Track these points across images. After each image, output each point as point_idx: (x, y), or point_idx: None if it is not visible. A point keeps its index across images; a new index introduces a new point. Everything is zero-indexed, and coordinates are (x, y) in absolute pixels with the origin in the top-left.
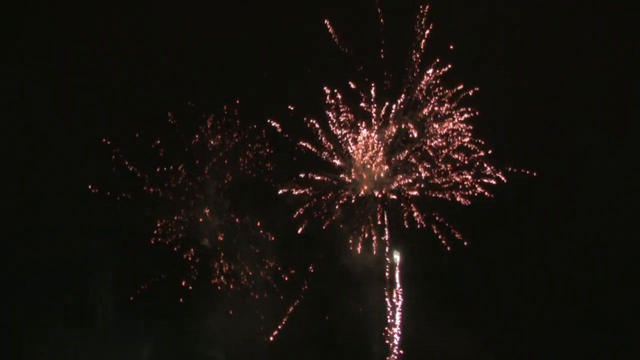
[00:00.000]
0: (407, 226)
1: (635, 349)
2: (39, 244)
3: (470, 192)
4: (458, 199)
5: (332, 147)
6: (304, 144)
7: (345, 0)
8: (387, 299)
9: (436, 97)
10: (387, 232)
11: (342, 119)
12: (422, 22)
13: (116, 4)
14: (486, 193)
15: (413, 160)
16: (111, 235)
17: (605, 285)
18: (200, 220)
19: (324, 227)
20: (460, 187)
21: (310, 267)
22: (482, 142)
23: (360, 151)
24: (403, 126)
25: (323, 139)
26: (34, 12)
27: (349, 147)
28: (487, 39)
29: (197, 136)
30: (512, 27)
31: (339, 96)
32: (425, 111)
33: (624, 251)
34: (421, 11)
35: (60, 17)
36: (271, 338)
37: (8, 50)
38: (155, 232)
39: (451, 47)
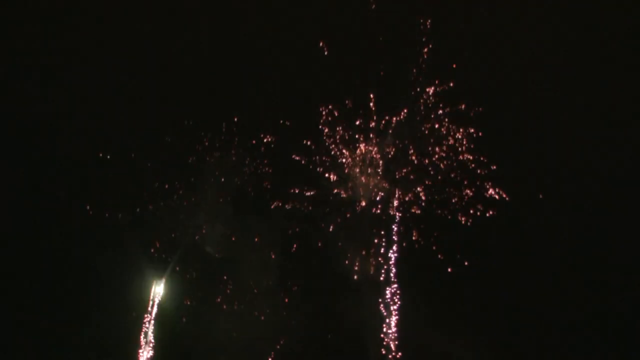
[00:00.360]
0: (404, 244)
1: (635, 349)
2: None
3: (471, 210)
4: (459, 217)
5: (328, 162)
6: (299, 159)
7: (345, 17)
8: (384, 303)
9: (437, 114)
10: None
11: (339, 133)
12: (423, 39)
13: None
14: (488, 213)
15: (412, 177)
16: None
17: (606, 287)
18: (197, 238)
19: (320, 245)
20: (461, 205)
21: (309, 281)
22: (484, 160)
23: (358, 166)
24: (402, 142)
25: (319, 154)
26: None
27: (346, 162)
28: (489, 55)
29: (194, 154)
30: (516, 43)
31: (336, 113)
32: (426, 127)
33: (625, 254)
34: (421, 27)
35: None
36: None
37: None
38: (153, 250)
39: (454, 65)
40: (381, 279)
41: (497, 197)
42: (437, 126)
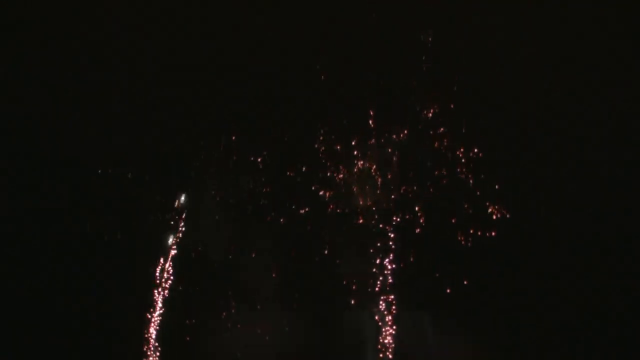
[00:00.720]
0: (402, 265)
1: (635, 350)
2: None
3: (472, 230)
4: (459, 237)
5: (325, 178)
6: (295, 175)
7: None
8: (381, 309)
9: (437, 133)
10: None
11: (337, 151)
12: (423, 57)
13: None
14: (489, 233)
15: (411, 195)
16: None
17: (607, 289)
18: (193, 255)
19: (317, 260)
20: (461, 224)
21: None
22: (485, 177)
23: (357, 183)
24: (402, 160)
25: (317, 171)
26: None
27: (344, 179)
28: (492, 72)
29: (192, 171)
30: (519, 61)
31: (334, 131)
32: (425, 145)
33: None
34: (421, 42)
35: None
36: None
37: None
38: (151, 265)
39: (455, 88)
40: (378, 295)
41: (498, 215)
42: (436, 145)
